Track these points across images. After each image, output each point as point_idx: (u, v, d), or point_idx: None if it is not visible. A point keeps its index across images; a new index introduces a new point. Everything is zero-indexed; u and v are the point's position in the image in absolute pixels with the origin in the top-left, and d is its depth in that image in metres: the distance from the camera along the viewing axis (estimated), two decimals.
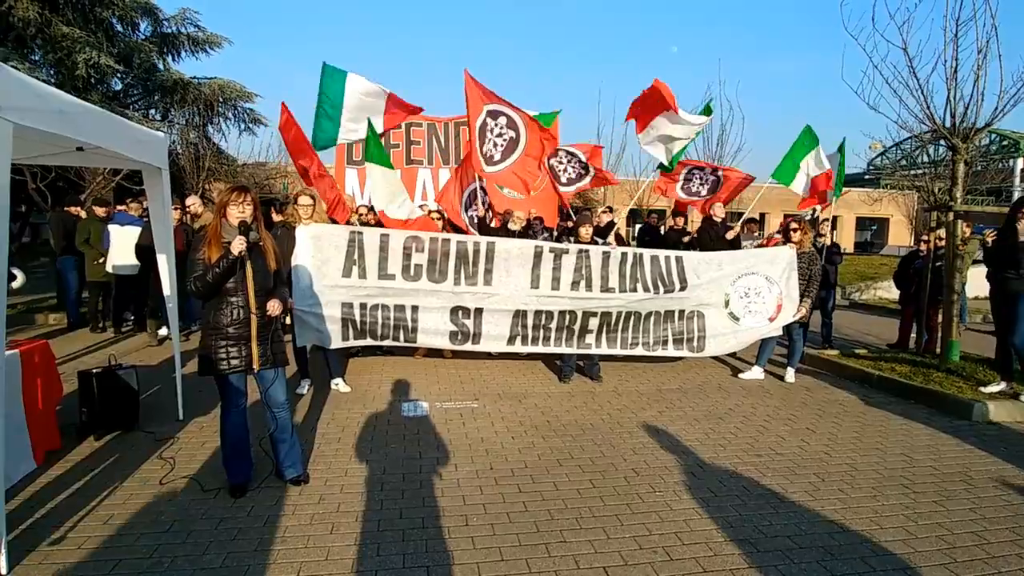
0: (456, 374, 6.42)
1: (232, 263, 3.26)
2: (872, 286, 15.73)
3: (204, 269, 3.24)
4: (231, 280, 3.31)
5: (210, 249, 3.27)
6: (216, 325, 3.34)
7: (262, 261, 3.45)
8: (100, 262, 7.95)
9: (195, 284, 3.26)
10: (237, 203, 3.34)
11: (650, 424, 5.00)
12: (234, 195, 3.36)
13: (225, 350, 3.34)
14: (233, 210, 3.34)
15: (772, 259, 6.60)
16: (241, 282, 3.34)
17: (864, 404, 5.76)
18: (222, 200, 3.39)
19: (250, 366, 3.41)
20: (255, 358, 3.41)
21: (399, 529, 3.17)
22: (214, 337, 3.34)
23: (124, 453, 4.10)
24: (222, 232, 3.32)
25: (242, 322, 3.35)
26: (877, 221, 37.99)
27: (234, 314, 3.34)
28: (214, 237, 3.30)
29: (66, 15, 12.93)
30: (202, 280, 3.24)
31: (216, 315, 3.34)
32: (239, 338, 3.36)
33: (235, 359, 3.36)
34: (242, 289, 3.34)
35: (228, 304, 3.34)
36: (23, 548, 2.87)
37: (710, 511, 3.46)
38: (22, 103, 2.72)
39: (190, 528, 3.13)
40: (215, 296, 3.33)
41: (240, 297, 3.34)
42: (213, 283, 3.25)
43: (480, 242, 5.94)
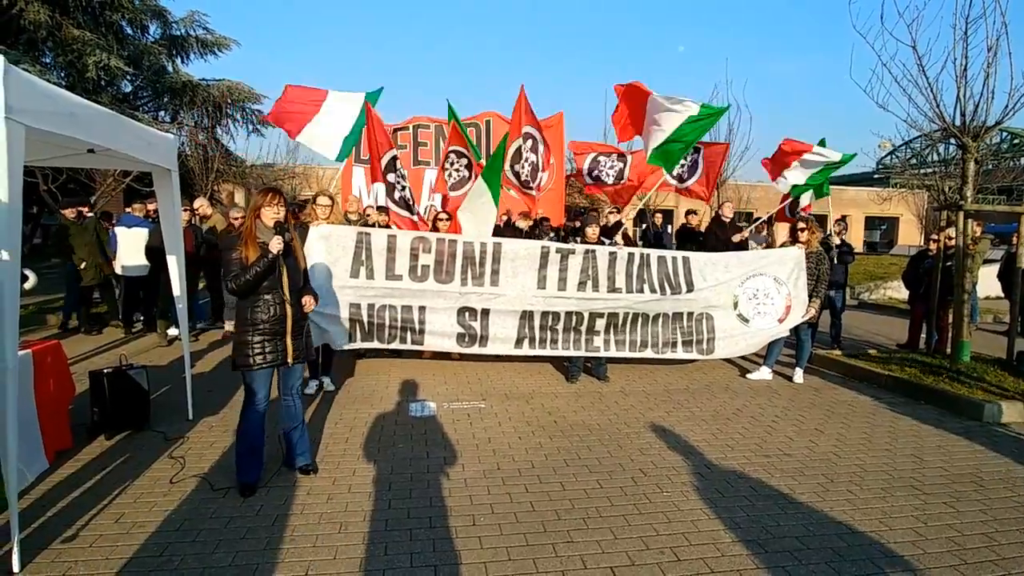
0: (463, 374, 6.43)
1: (272, 262, 3.39)
2: (881, 286, 15.61)
3: (243, 268, 3.36)
4: (268, 279, 3.44)
5: (246, 249, 3.40)
6: (253, 322, 3.45)
7: (293, 260, 3.59)
8: (82, 267, 7.87)
9: (234, 283, 3.38)
10: (271, 204, 3.47)
11: (657, 424, 4.99)
12: (268, 197, 3.49)
13: (261, 345, 3.45)
14: (268, 211, 3.46)
15: (780, 260, 6.58)
16: (277, 280, 3.48)
17: (873, 405, 5.73)
18: (256, 202, 3.51)
19: (284, 360, 3.53)
20: (290, 352, 3.55)
21: (407, 528, 3.18)
22: (250, 333, 3.45)
23: (135, 452, 4.13)
24: (257, 233, 3.45)
25: (279, 318, 3.48)
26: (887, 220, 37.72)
27: (271, 311, 3.46)
28: (249, 238, 3.43)
29: (76, 18, 13.04)
30: (242, 279, 3.36)
31: (252, 312, 3.45)
32: (275, 334, 3.49)
33: (271, 354, 3.48)
34: (278, 287, 3.48)
35: (264, 301, 3.45)
36: (35, 546, 2.90)
37: (718, 512, 3.45)
38: (34, 106, 2.75)
39: (199, 527, 3.15)
40: (251, 294, 3.44)
41: (276, 294, 3.47)
42: (253, 281, 3.38)
43: (487, 243, 5.95)
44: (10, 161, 2.55)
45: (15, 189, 2.62)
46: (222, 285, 3.45)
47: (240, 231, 3.53)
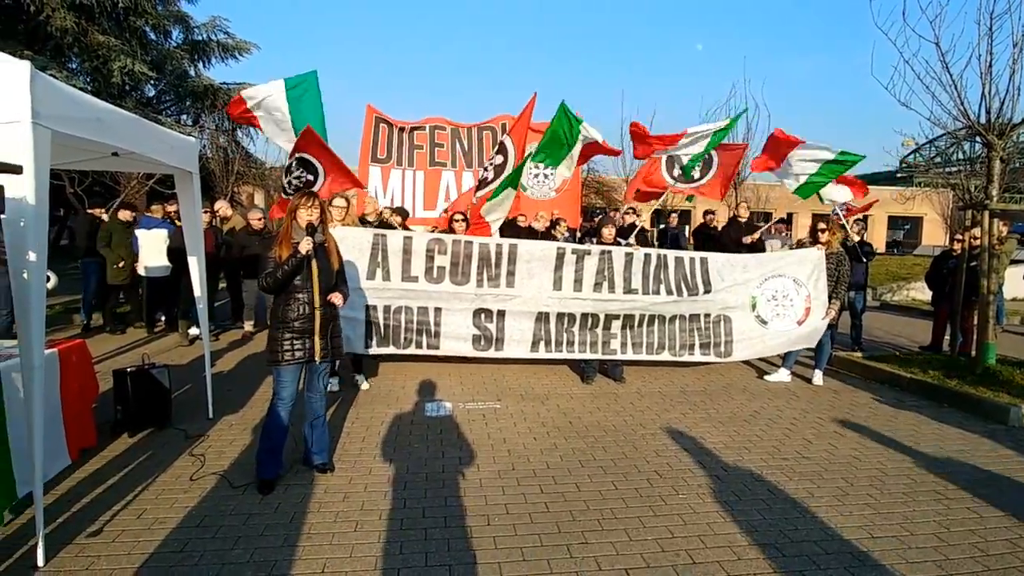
0: (479, 375, 6.45)
1: (300, 261, 3.49)
2: (904, 287, 15.35)
3: (275, 266, 3.48)
4: (298, 277, 3.53)
5: (281, 248, 3.53)
6: (284, 319, 3.55)
7: (326, 260, 3.67)
8: (120, 266, 8.08)
9: (266, 280, 3.51)
10: (306, 207, 3.58)
11: (673, 426, 4.96)
12: (304, 199, 3.60)
13: (290, 342, 3.54)
14: (303, 213, 3.57)
15: (800, 261, 6.49)
16: (307, 279, 3.56)
17: (895, 408, 5.63)
18: (293, 204, 3.64)
19: (312, 357, 3.60)
20: (317, 350, 3.62)
21: (422, 528, 3.20)
22: (280, 330, 3.55)
23: (157, 450, 4.21)
24: (292, 233, 3.56)
25: (307, 316, 3.56)
26: (910, 220, 37.04)
27: (300, 309, 3.54)
28: (285, 238, 3.56)
29: (102, 24, 13.32)
30: (272, 276, 3.49)
31: (284, 310, 3.56)
32: (304, 331, 3.57)
33: (299, 351, 3.56)
34: (308, 286, 3.56)
35: (295, 300, 3.54)
36: (60, 541, 2.97)
37: (734, 515, 3.42)
38: (60, 111, 2.82)
39: (219, 523, 3.21)
40: (283, 292, 3.55)
41: (306, 293, 3.56)
42: (283, 279, 3.49)
43: (502, 244, 5.96)
44: (37, 165, 2.62)
45: (42, 192, 2.68)
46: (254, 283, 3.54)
47: (269, 231, 3.64)
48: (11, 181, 2.46)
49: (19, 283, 2.71)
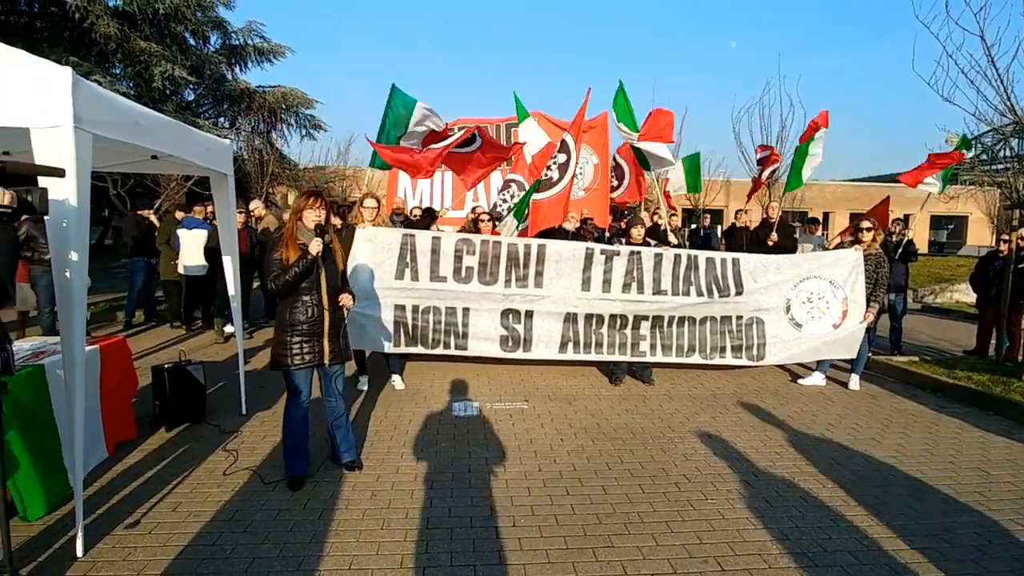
0: (507, 375, 6.45)
1: (310, 263, 3.45)
2: (948, 288, 14.83)
3: (282, 269, 3.43)
4: (306, 280, 3.50)
5: (287, 250, 3.47)
6: (292, 322, 3.52)
7: (333, 262, 3.65)
8: (175, 263, 8.43)
9: (274, 283, 3.46)
10: (313, 207, 3.53)
11: (703, 429, 4.88)
12: (310, 200, 3.55)
13: (299, 346, 3.52)
14: (309, 214, 3.53)
15: (836, 262, 6.30)
16: (315, 282, 3.54)
17: (936, 414, 5.44)
18: (298, 205, 3.59)
19: (321, 361, 3.59)
20: (327, 353, 3.60)
21: (447, 527, 3.21)
22: (289, 334, 3.52)
23: (192, 445, 4.32)
24: (297, 234, 3.52)
25: (316, 319, 3.54)
26: (954, 219, 35.74)
27: (309, 312, 3.52)
28: (290, 239, 3.50)
29: (143, 30, 13.76)
30: (281, 279, 3.43)
31: (291, 313, 3.52)
32: (312, 334, 3.55)
33: (308, 354, 3.54)
34: (316, 288, 3.54)
35: (302, 303, 3.52)
36: (99, 532, 3.07)
37: (765, 522, 3.35)
38: (101, 116, 2.91)
39: (250, 518, 3.27)
40: (290, 295, 3.51)
41: (314, 296, 3.53)
42: (292, 282, 3.45)
43: (531, 244, 5.94)
44: (79, 168, 2.71)
45: (83, 194, 2.78)
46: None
47: (282, 232, 3.63)
48: (54, 183, 2.54)
49: (61, 282, 2.81)
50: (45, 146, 2.67)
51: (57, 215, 2.70)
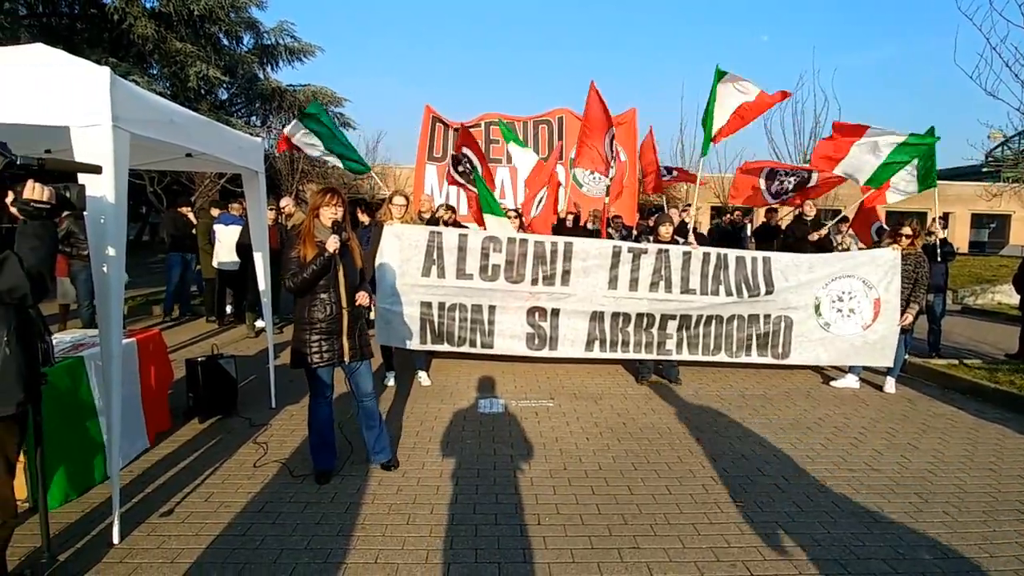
0: (532, 372, 6.44)
1: (327, 261, 3.45)
2: (989, 290, 14.30)
3: (300, 267, 3.44)
4: (324, 277, 3.49)
5: (304, 248, 3.47)
6: (310, 320, 3.53)
7: (351, 259, 3.64)
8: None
9: (291, 281, 3.47)
10: (329, 205, 3.52)
11: (731, 431, 4.80)
12: (326, 197, 3.54)
13: (318, 344, 3.53)
14: (326, 211, 3.52)
15: (872, 261, 6.12)
16: (333, 279, 3.53)
17: (976, 419, 5.25)
18: (315, 202, 3.58)
19: (341, 358, 3.60)
20: (346, 351, 3.61)
21: (472, 524, 3.22)
22: (307, 332, 3.54)
23: (223, 436, 4.41)
24: (315, 232, 3.52)
25: (334, 317, 3.54)
26: (996, 218, 34.49)
27: (327, 310, 3.52)
28: (308, 237, 3.50)
29: (179, 32, 14.08)
30: (299, 277, 3.44)
31: (310, 311, 3.53)
32: (331, 332, 3.55)
33: (327, 352, 3.55)
34: (334, 286, 3.54)
35: (321, 300, 3.52)
36: (135, 520, 3.16)
37: (795, 527, 3.27)
38: (138, 115, 2.98)
39: (279, 510, 3.33)
40: (308, 293, 3.52)
41: (332, 293, 3.53)
42: (310, 280, 3.45)
43: (558, 242, 5.91)
44: (116, 165, 2.78)
45: (121, 191, 2.85)
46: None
47: (300, 230, 3.63)
48: (92, 180, 2.61)
49: (99, 277, 2.89)
50: (84, 144, 2.74)
51: (95, 211, 2.77)
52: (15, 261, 2.04)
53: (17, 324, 2.18)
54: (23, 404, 2.19)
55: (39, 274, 2.09)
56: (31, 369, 2.25)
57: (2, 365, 2.12)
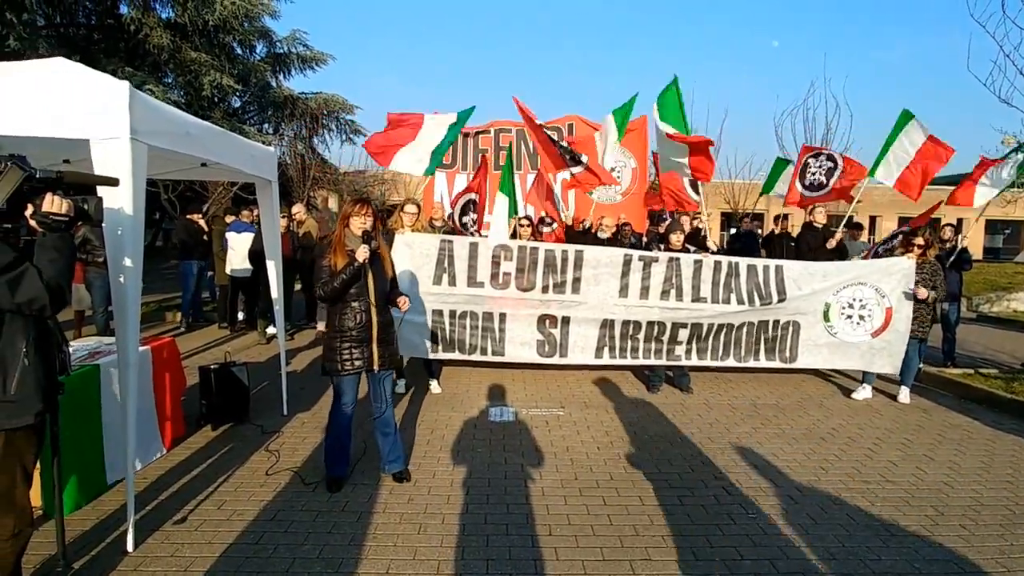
0: (543, 380, 6.43)
1: (357, 270, 3.49)
2: (1005, 297, 14.12)
3: (331, 276, 3.49)
4: (355, 286, 3.54)
5: (335, 257, 3.53)
6: (341, 328, 3.58)
7: (381, 268, 3.68)
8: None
9: (322, 290, 3.52)
10: (360, 214, 3.58)
11: (744, 441, 4.76)
12: (357, 207, 3.60)
13: (349, 351, 3.57)
14: (356, 221, 3.58)
15: (887, 270, 6.04)
16: (363, 288, 3.58)
17: (993, 430, 5.18)
18: (345, 211, 3.65)
19: (370, 367, 3.63)
20: (376, 359, 3.64)
21: (484, 535, 3.22)
22: (338, 339, 3.58)
23: (236, 443, 4.44)
24: (345, 241, 3.57)
25: (364, 325, 3.58)
26: (1011, 224, 34.12)
27: (358, 318, 3.57)
28: (339, 246, 3.56)
29: (194, 41, 14.24)
30: (329, 286, 3.49)
31: (341, 319, 3.58)
32: (361, 340, 3.59)
33: (357, 360, 3.59)
34: (364, 294, 3.58)
35: (351, 309, 3.57)
36: (148, 528, 3.18)
37: (809, 540, 3.24)
38: (155, 127, 3.02)
39: (291, 519, 3.34)
40: (339, 301, 3.57)
41: (363, 302, 3.58)
42: (340, 288, 3.50)
43: (568, 250, 5.91)
44: (135, 177, 2.82)
45: (138, 202, 2.89)
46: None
47: (331, 239, 3.67)
48: (110, 192, 2.65)
49: (116, 286, 2.93)
50: (104, 157, 2.79)
51: (113, 223, 2.81)
52: (34, 273, 2.07)
53: (36, 335, 2.21)
54: (41, 414, 2.22)
55: (58, 286, 2.12)
56: (49, 379, 2.28)
57: (21, 375, 2.15)
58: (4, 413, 2.12)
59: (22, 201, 2.12)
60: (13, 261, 2.04)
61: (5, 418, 2.12)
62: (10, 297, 2.03)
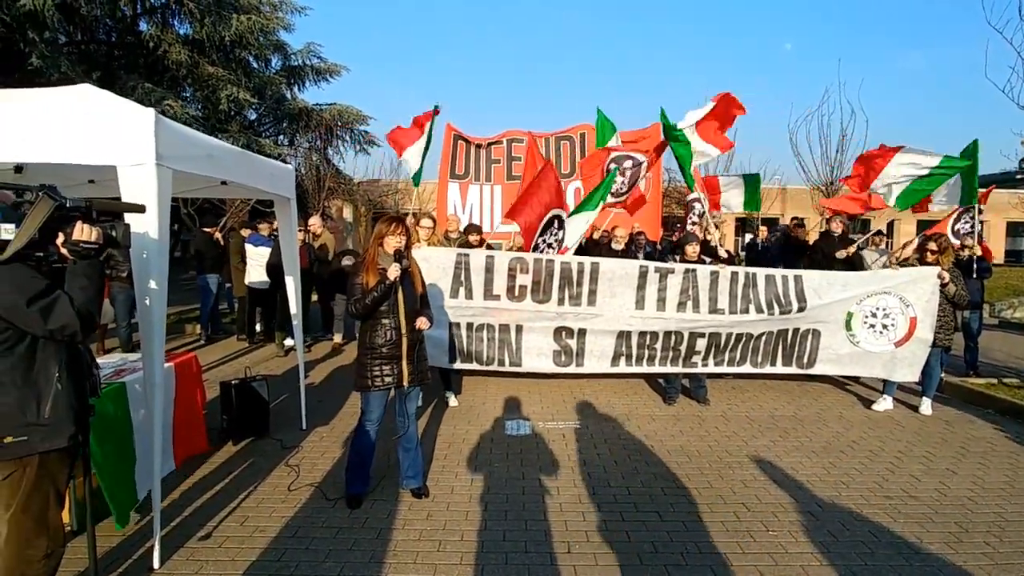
0: (559, 392, 6.44)
1: (388, 288, 3.56)
2: None
3: (363, 293, 3.56)
4: (385, 304, 3.60)
5: (368, 275, 3.60)
6: (371, 345, 3.64)
7: (411, 286, 3.74)
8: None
9: (354, 307, 3.59)
10: (394, 234, 3.65)
11: (762, 455, 4.73)
12: (391, 227, 3.67)
13: (379, 367, 3.63)
14: (391, 240, 3.64)
15: (914, 280, 5.93)
16: (394, 306, 3.64)
17: (1017, 443, 5.10)
18: (379, 231, 3.70)
19: (400, 383, 3.68)
20: (405, 375, 3.69)
21: (502, 552, 3.23)
22: (369, 356, 3.64)
23: (256, 458, 4.50)
24: (378, 259, 3.64)
25: (394, 342, 3.64)
26: None
27: (387, 335, 3.62)
28: (371, 264, 3.63)
29: (211, 56, 14.49)
30: (361, 303, 3.56)
31: (371, 336, 3.64)
32: (391, 357, 3.65)
33: (388, 376, 3.64)
34: (394, 312, 3.64)
35: (382, 326, 3.63)
36: (173, 545, 3.23)
37: (831, 557, 3.21)
38: (179, 152, 3.10)
39: (312, 535, 3.38)
40: (371, 318, 3.63)
41: (393, 319, 3.63)
42: (371, 306, 3.57)
43: (584, 262, 5.92)
44: (160, 202, 2.89)
45: (163, 225, 2.96)
46: (348, 307, 3.65)
47: (365, 258, 3.73)
48: (135, 215, 2.71)
49: (142, 307, 3.00)
50: (130, 182, 2.86)
51: (138, 246, 2.87)
52: (66, 300, 2.12)
53: (68, 360, 2.27)
54: (74, 436, 2.27)
55: (88, 313, 2.18)
56: (81, 402, 2.34)
57: (54, 399, 2.21)
58: (38, 436, 2.18)
59: (53, 229, 2.19)
60: (45, 289, 2.10)
61: (39, 441, 2.18)
62: (43, 324, 2.09)
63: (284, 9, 16.32)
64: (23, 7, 10.98)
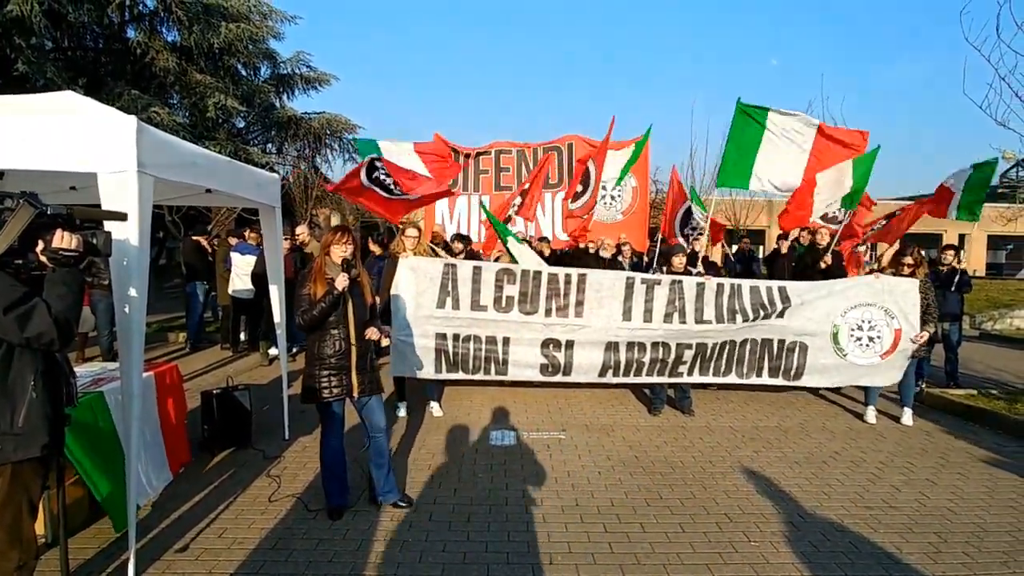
0: (544, 402, 6.43)
1: (336, 298, 3.51)
2: (1008, 314, 14.11)
3: (310, 304, 3.51)
4: (333, 314, 3.56)
5: (315, 285, 3.56)
6: (320, 356, 3.59)
7: (360, 295, 3.69)
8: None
9: (302, 318, 3.54)
10: (340, 243, 3.60)
11: (745, 465, 4.75)
12: (337, 236, 3.63)
13: (328, 379, 3.58)
14: (336, 249, 3.60)
15: (892, 290, 6.02)
16: (342, 316, 3.60)
17: (996, 454, 5.16)
18: (326, 240, 3.66)
19: (350, 393, 3.64)
20: (355, 386, 3.65)
21: (484, 563, 3.21)
22: (317, 367, 3.59)
23: (237, 469, 4.45)
24: (326, 269, 3.60)
25: (343, 353, 3.60)
26: (1013, 240, 34.11)
27: (337, 345, 3.58)
28: (319, 274, 3.59)
29: (199, 64, 14.47)
30: (309, 314, 3.51)
31: (320, 347, 3.59)
32: (340, 368, 3.60)
33: (336, 387, 3.60)
34: (343, 322, 3.60)
35: (330, 336, 3.58)
36: (150, 556, 3.18)
37: (812, 568, 3.23)
38: (162, 160, 3.08)
39: (292, 547, 3.34)
40: (319, 329, 3.58)
41: (341, 329, 3.59)
42: (319, 316, 3.52)
43: (571, 274, 5.93)
44: (140, 209, 2.87)
45: (144, 234, 2.94)
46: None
47: (311, 267, 3.70)
48: (117, 224, 2.69)
49: (121, 316, 2.97)
50: (111, 189, 2.84)
51: (119, 254, 2.83)
52: (44, 308, 2.10)
53: (44, 368, 2.24)
54: (48, 447, 2.24)
55: (66, 321, 2.16)
56: (56, 411, 2.30)
57: (28, 408, 2.18)
58: (11, 446, 2.15)
59: (32, 237, 2.17)
60: (23, 296, 2.08)
61: (12, 451, 2.15)
62: (19, 332, 2.07)
63: (274, 18, 16.35)
64: (10, 13, 10.91)
